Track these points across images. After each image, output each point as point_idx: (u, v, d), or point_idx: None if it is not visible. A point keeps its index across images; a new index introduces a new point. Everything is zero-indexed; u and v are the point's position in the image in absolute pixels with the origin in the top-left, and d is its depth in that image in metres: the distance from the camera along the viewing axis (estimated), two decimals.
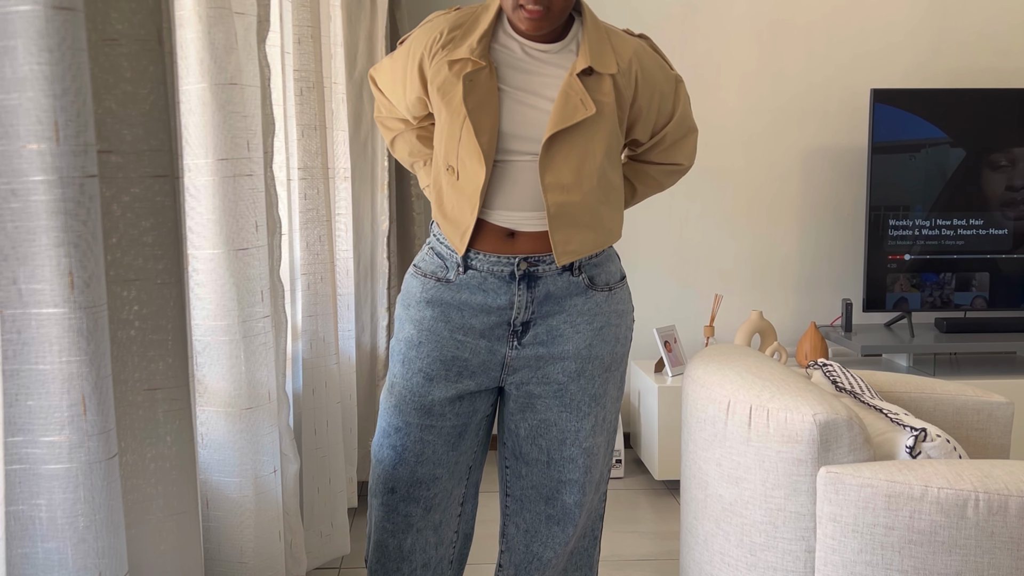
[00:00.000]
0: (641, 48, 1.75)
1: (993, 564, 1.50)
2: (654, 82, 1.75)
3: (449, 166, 1.72)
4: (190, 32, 1.55)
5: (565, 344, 1.75)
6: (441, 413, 1.78)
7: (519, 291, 1.72)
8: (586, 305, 1.75)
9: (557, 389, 1.77)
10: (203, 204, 1.60)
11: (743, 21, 3.72)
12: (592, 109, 1.65)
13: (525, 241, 1.72)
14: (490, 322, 1.74)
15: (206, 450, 1.68)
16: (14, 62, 0.89)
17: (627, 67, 1.71)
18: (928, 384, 2.20)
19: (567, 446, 1.79)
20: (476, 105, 1.66)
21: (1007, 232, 3.54)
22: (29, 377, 0.93)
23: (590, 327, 1.76)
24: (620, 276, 1.83)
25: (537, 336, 1.75)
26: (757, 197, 3.80)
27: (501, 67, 1.69)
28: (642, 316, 3.84)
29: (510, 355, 1.76)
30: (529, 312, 1.74)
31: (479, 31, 1.68)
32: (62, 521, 0.95)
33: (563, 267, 1.72)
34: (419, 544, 1.86)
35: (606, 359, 1.78)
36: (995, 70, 3.78)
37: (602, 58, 1.68)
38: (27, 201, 0.91)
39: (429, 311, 1.76)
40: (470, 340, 1.75)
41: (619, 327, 1.80)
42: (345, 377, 2.84)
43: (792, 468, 1.64)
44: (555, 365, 1.76)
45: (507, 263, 1.71)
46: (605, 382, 1.80)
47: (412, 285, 1.80)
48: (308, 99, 2.31)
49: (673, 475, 3.28)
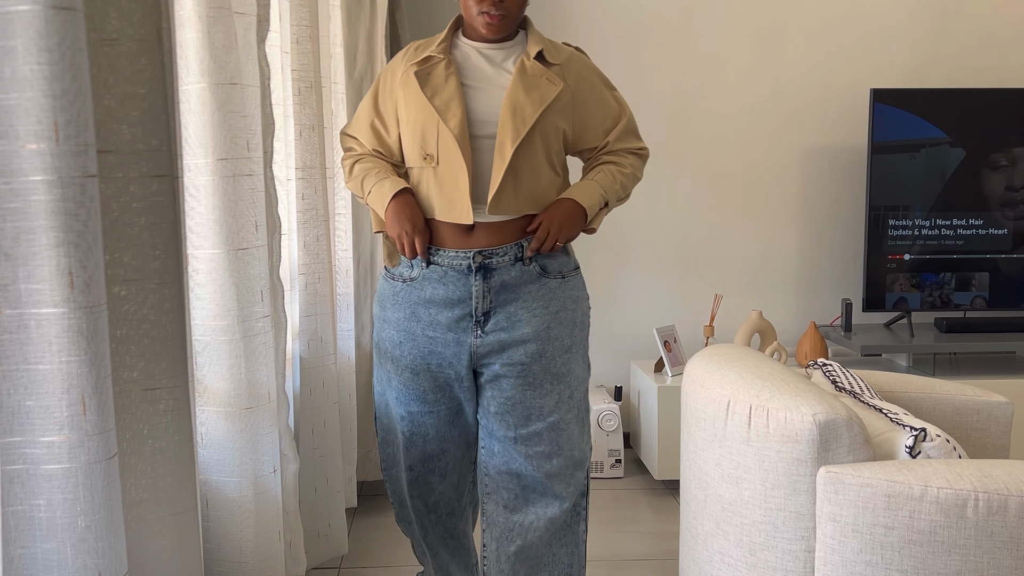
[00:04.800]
0: (576, 54, 1.99)
1: (993, 564, 1.50)
2: (590, 79, 1.97)
3: (427, 154, 1.88)
4: (190, 32, 1.55)
5: (524, 328, 1.90)
6: (435, 400, 1.98)
7: (476, 282, 1.88)
8: (540, 291, 1.92)
9: (521, 369, 1.91)
10: (203, 204, 1.60)
11: (743, 21, 3.72)
12: (560, 84, 1.89)
13: (482, 235, 1.88)
14: (455, 315, 1.90)
15: (206, 450, 1.67)
16: (14, 62, 0.89)
17: (567, 62, 1.95)
18: (928, 384, 2.20)
19: (532, 422, 1.93)
20: (435, 94, 1.87)
21: (1007, 232, 3.54)
22: (28, 377, 0.93)
23: (546, 311, 1.92)
24: (573, 266, 1.99)
25: (498, 323, 1.90)
26: (757, 197, 3.80)
27: (461, 67, 1.92)
28: (642, 316, 3.84)
29: (475, 343, 1.91)
30: (487, 302, 1.90)
31: (437, 41, 1.94)
32: (61, 521, 0.95)
33: (515, 258, 1.89)
34: (443, 499, 2.10)
35: (565, 340, 1.94)
36: (995, 70, 3.78)
37: (550, 50, 1.93)
38: (27, 201, 0.91)
39: (401, 312, 1.95)
40: (439, 335, 1.92)
41: (575, 312, 1.96)
42: (344, 377, 2.84)
43: (792, 468, 1.64)
44: (517, 348, 1.91)
45: (464, 257, 1.88)
46: (567, 362, 1.95)
47: (384, 288, 2.00)
48: (307, 99, 2.31)
49: (673, 475, 3.28)
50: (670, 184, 3.78)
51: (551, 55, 1.92)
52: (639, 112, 3.73)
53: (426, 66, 1.90)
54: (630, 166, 2.01)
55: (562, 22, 3.67)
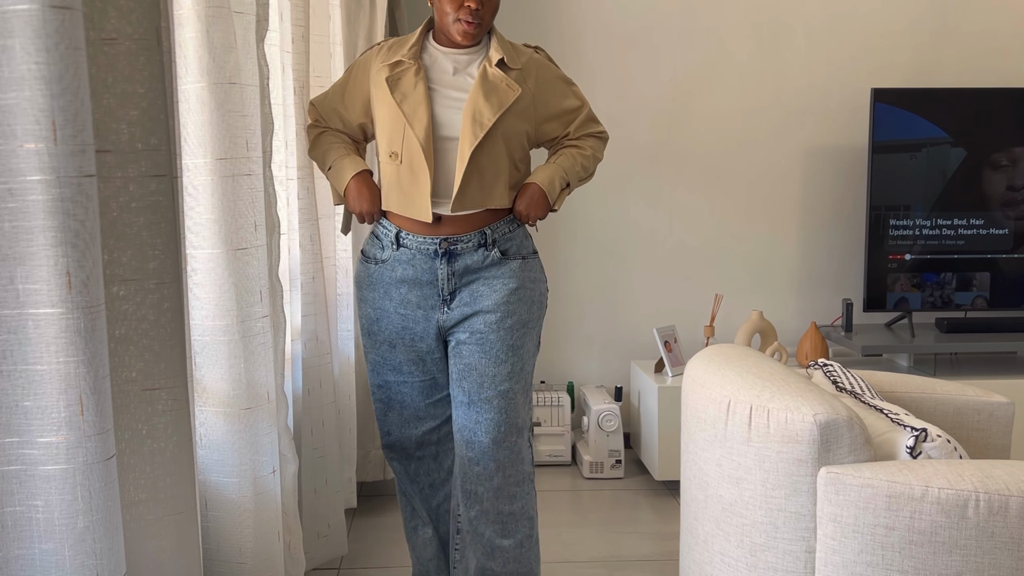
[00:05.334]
0: (535, 56, 2.16)
1: (994, 564, 1.49)
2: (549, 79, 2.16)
3: (392, 152, 2.07)
4: (189, 31, 1.54)
5: (485, 300, 2.09)
6: (409, 371, 2.18)
7: (442, 265, 2.08)
8: (500, 271, 2.10)
9: (480, 338, 2.09)
10: (202, 204, 1.60)
11: (743, 21, 3.72)
12: (518, 90, 2.06)
13: (448, 225, 2.08)
14: (423, 294, 2.11)
15: (205, 450, 1.67)
16: (12, 61, 0.89)
17: (526, 65, 2.12)
18: (928, 384, 2.20)
19: (485, 388, 2.10)
20: (404, 99, 2.04)
21: (1007, 232, 3.53)
22: (26, 377, 0.93)
23: (506, 287, 2.10)
24: (532, 251, 2.18)
25: (462, 299, 2.10)
26: (757, 197, 3.80)
27: (429, 71, 2.09)
28: (642, 316, 3.83)
29: (442, 319, 2.12)
30: (452, 283, 2.10)
31: (409, 44, 2.11)
32: (60, 522, 0.95)
33: (479, 244, 2.08)
34: (422, 468, 2.27)
35: (523, 316, 2.12)
36: (996, 70, 3.78)
37: (511, 56, 2.10)
38: (24, 201, 0.90)
39: (375, 292, 2.14)
40: (410, 312, 2.12)
41: (533, 291, 2.14)
42: (344, 377, 2.83)
43: (792, 468, 1.64)
44: (478, 317, 2.09)
45: (431, 243, 2.08)
46: (522, 336, 2.12)
47: (360, 270, 2.20)
48: (307, 98, 2.31)
49: (673, 475, 3.28)
50: (670, 184, 3.77)
51: (511, 61, 2.09)
52: (639, 112, 3.73)
53: (396, 71, 2.07)
54: (590, 148, 2.20)
55: (562, 22, 3.67)
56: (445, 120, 2.04)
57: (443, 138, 2.05)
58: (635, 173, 3.76)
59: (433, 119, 2.03)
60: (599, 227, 3.78)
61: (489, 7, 2.05)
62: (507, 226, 2.12)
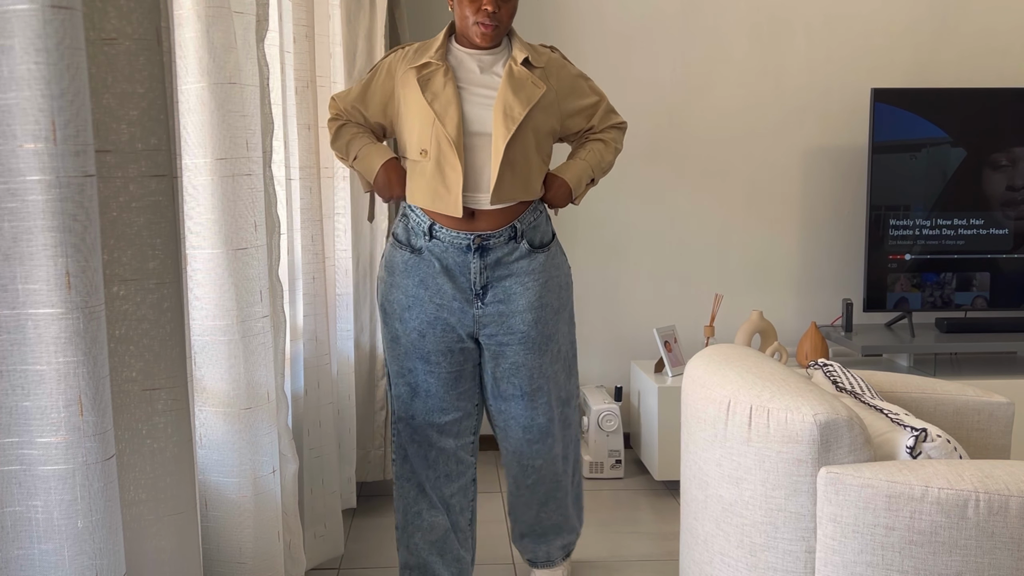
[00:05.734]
0: (552, 55, 2.28)
1: (994, 564, 1.49)
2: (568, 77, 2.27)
3: (423, 150, 2.14)
4: (189, 31, 1.54)
5: (520, 300, 2.21)
6: (437, 362, 2.24)
7: (474, 259, 2.18)
8: (531, 266, 2.22)
9: (521, 337, 2.23)
10: (202, 204, 1.60)
11: (743, 20, 3.72)
12: (543, 86, 2.17)
13: (481, 220, 2.17)
14: (457, 286, 2.19)
15: (205, 450, 1.67)
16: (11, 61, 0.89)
17: (547, 64, 2.24)
18: (929, 384, 2.20)
19: (535, 379, 2.27)
20: (435, 98, 2.12)
21: (1007, 232, 3.53)
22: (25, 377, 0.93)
23: (537, 283, 2.22)
24: (552, 235, 2.29)
25: (496, 296, 2.20)
26: (757, 197, 3.80)
27: (456, 72, 2.18)
28: (642, 316, 3.83)
29: (477, 313, 2.20)
30: (484, 277, 2.19)
31: (435, 47, 2.19)
32: (59, 522, 0.95)
33: (509, 237, 2.19)
34: (442, 458, 2.32)
35: (555, 304, 2.26)
36: (996, 69, 3.78)
37: (533, 55, 2.21)
38: (24, 201, 0.90)
39: (410, 280, 2.21)
40: (446, 302, 2.19)
41: (559, 277, 2.28)
42: (343, 377, 2.83)
43: (792, 468, 1.64)
44: (516, 317, 2.21)
45: (465, 237, 2.17)
46: (556, 322, 2.27)
47: (393, 255, 2.25)
48: (306, 98, 2.31)
49: (673, 475, 3.28)
50: (670, 184, 3.77)
51: (535, 60, 2.21)
52: (639, 112, 3.73)
53: (426, 72, 2.15)
54: (612, 140, 2.35)
55: (562, 22, 3.67)
56: (475, 116, 2.13)
57: (473, 134, 2.13)
58: (635, 173, 3.76)
59: (463, 116, 2.12)
60: (599, 227, 3.78)
61: (506, 10, 2.14)
62: (531, 215, 2.23)
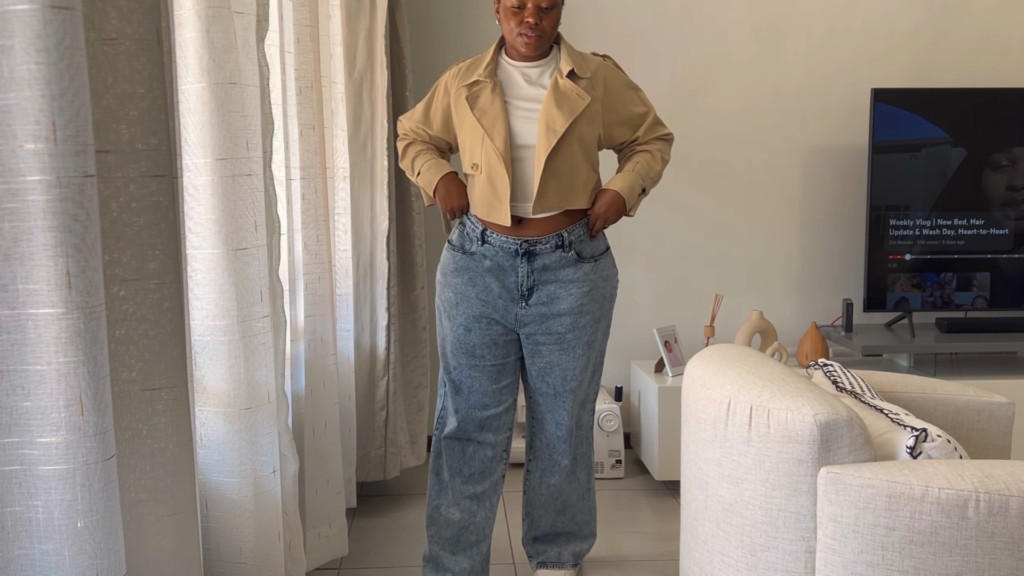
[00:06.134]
0: (603, 63, 2.32)
1: (994, 564, 1.49)
2: (617, 86, 2.32)
3: (474, 164, 2.27)
4: (189, 31, 1.54)
5: (561, 304, 2.30)
6: (482, 355, 2.35)
7: (522, 264, 2.28)
8: (576, 274, 2.30)
9: (558, 339, 2.32)
10: (202, 204, 1.60)
11: (743, 21, 3.72)
12: (587, 98, 2.23)
13: (529, 227, 2.27)
14: (504, 286, 2.30)
15: (205, 450, 1.67)
16: (11, 62, 0.89)
17: (595, 73, 2.29)
18: (929, 384, 2.20)
19: (568, 380, 2.37)
20: (483, 114, 2.24)
21: (1008, 232, 3.53)
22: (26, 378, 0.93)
23: (580, 290, 2.30)
24: (604, 248, 2.37)
25: (539, 298, 2.30)
26: (757, 197, 3.80)
27: (504, 86, 2.28)
28: (642, 316, 3.83)
29: (520, 312, 2.31)
30: (531, 280, 2.29)
31: (484, 63, 2.29)
32: (60, 522, 0.95)
33: (556, 245, 2.27)
34: (478, 454, 2.42)
35: (596, 313, 2.34)
36: (996, 69, 3.78)
37: (580, 65, 2.27)
38: (24, 201, 0.90)
39: (460, 278, 2.32)
40: (491, 299, 2.30)
41: (605, 288, 2.36)
42: (344, 377, 2.83)
43: (792, 468, 1.64)
44: (555, 320, 2.30)
45: (514, 243, 2.27)
46: (595, 331, 2.36)
47: (446, 258, 2.38)
48: (307, 98, 2.31)
49: (673, 475, 3.28)
50: (670, 184, 3.77)
51: (580, 70, 2.26)
52: None
53: (475, 89, 2.27)
54: (659, 151, 2.37)
55: (563, 24, 3.67)
56: (521, 130, 2.23)
57: (520, 147, 2.23)
58: None
59: (510, 130, 2.23)
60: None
61: (548, 19, 2.21)
62: (582, 228, 2.31)
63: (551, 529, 2.56)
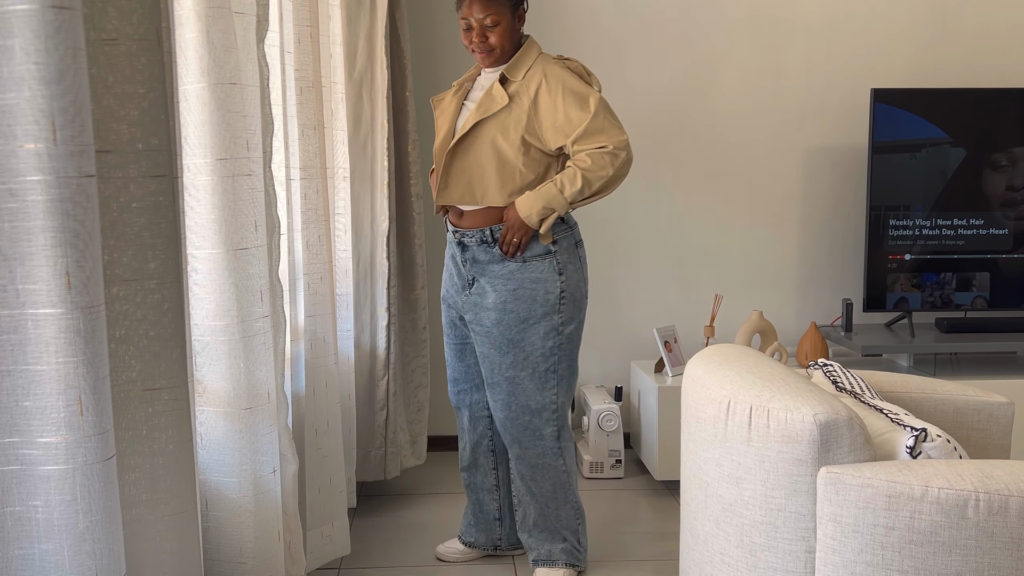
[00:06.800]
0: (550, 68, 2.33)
1: (993, 564, 1.50)
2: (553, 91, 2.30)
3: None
4: (189, 31, 1.54)
5: (488, 299, 2.40)
6: (448, 333, 2.58)
7: (459, 253, 2.46)
8: (502, 271, 2.39)
9: (486, 331, 2.42)
10: (202, 204, 1.60)
11: (743, 21, 3.72)
12: (504, 101, 2.31)
13: (465, 219, 2.42)
14: (459, 272, 2.49)
15: (205, 450, 1.67)
16: (11, 62, 0.89)
17: (529, 78, 2.33)
18: (928, 384, 2.20)
19: (494, 374, 2.45)
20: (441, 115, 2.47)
21: (1007, 232, 3.53)
22: (25, 378, 0.93)
23: (506, 288, 2.38)
24: (542, 251, 2.38)
25: (476, 290, 2.43)
26: (757, 197, 3.80)
27: (472, 91, 2.47)
28: (642, 316, 3.83)
29: (463, 300, 2.47)
30: (468, 270, 2.44)
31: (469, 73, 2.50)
32: (59, 522, 0.95)
33: (481, 240, 2.38)
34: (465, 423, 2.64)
35: (522, 314, 2.38)
36: (995, 70, 3.78)
37: (513, 70, 2.35)
38: (24, 201, 0.90)
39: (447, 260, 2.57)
40: (451, 283, 2.53)
41: (535, 291, 2.37)
42: (344, 377, 2.83)
43: (792, 468, 1.64)
44: (484, 313, 2.41)
45: (453, 233, 2.46)
46: (523, 331, 2.39)
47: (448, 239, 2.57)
48: (307, 99, 2.31)
49: (673, 475, 3.28)
50: (670, 184, 3.77)
51: (512, 75, 2.34)
52: (639, 112, 3.73)
53: (445, 94, 2.50)
54: (582, 165, 2.29)
55: (562, 23, 3.67)
56: (459, 130, 2.39)
57: None
58: (635, 173, 3.75)
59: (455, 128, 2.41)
60: (599, 227, 3.78)
61: (495, 34, 2.32)
62: None
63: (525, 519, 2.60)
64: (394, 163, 3.16)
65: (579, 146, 2.29)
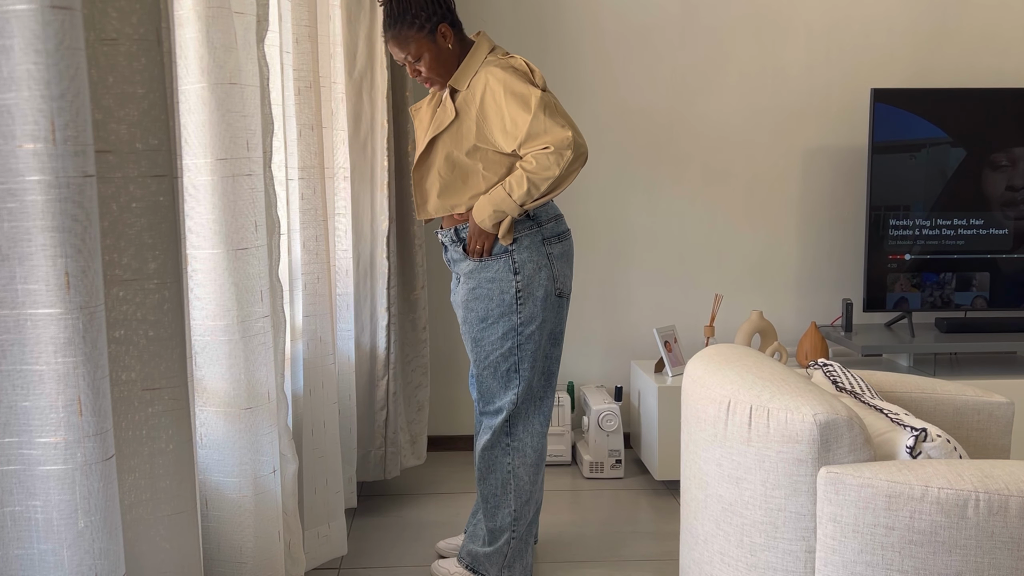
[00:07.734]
0: (488, 75, 2.29)
1: (993, 564, 1.49)
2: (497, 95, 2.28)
3: None
4: (189, 31, 1.54)
5: (457, 295, 2.47)
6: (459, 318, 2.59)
7: (443, 252, 2.52)
8: (465, 269, 2.42)
9: (461, 325, 2.47)
10: (202, 204, 1.60)
11: (743, 21, 3.72)
12: (452, 114, 2.34)
13: (447, 220, 2.48)
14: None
15: (205, 450, 1.67)
16: (10, 62, 0.89)
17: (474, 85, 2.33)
18: (928, 384, 2.20)
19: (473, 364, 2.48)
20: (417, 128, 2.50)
21: (1007, 232, 3.53)
22: (24, 378, 0.93)
23: (466, 286, 2.42)
24: (500, 251, 2.38)
25: (457, 286, 2.49)
26: (757, 197, 3.80)
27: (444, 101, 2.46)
28: (642, 316, 3.83)
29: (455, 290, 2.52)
30: (452, 267, 2.50)
31: None
32: (59, 523, 0.95)
33: (452, 239, 2.44)
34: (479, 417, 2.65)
35: (480, 312, 2.40)
36: (995, 70, 3.78)
37: (459, 80, 2.35)
38: (23, 201, 0.90)
39: None
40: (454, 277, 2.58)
41: (491, 290, 2.38)
42: (344, 377, 2.83)
43: (792, 468, 1.64)
44: (458, 310, 2.46)
45: (436, 232, 2.56)
46: (483, 330, 2.41)
47: None
48: (306, 99, 2.31)
49: (673, 475, 3.28)
50: (670, 184, 3.77)
51: (458, 85, 2.35)
52: (639, 112, 3.73)
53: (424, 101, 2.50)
54: (530, 168, 2.27)
55: (562, 23, 3.67)
56: None
57: None
58: (635, 173, 3.76)
59: None
60: (599, 227, 3.78)
61: (424, 65, 2.34)
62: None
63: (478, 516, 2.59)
64: (394, 163, 3.16)
65: (525, 148, 2.27)
